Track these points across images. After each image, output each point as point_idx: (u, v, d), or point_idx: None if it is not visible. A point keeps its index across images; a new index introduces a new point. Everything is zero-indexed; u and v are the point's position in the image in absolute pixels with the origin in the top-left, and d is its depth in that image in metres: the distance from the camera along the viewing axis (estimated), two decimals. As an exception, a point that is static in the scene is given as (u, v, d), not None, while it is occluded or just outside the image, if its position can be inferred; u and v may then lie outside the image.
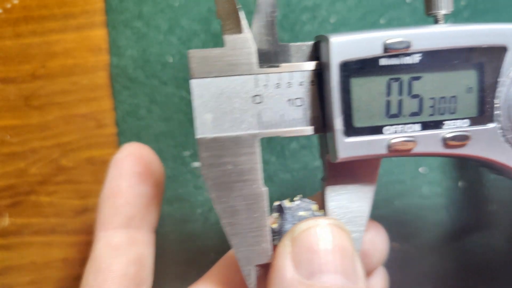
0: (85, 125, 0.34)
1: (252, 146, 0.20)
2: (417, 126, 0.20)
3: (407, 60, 0.19)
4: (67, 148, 0.34)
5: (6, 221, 0.34)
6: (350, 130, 0.19)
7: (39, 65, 0.33)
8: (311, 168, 0.33)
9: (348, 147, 0.19)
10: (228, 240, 0.21)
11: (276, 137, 0.33)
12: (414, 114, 0.20)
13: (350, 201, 0.21)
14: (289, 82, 0.20)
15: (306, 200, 0.21)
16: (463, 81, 0.20)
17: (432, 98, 0.20)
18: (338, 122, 0.19)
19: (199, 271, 0.34)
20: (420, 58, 0.19)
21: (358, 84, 0.19)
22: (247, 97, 0.20)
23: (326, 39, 0.19)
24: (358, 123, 0.19)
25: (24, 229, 0.34)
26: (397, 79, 0.20)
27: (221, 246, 0.34)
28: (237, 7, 0.20)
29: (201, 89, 0.20)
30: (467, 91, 0.20)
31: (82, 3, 0.33)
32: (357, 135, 0.19)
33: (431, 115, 0.20)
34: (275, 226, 0.21)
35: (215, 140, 0.20)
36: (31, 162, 0.34)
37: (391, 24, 0.33)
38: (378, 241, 0.26)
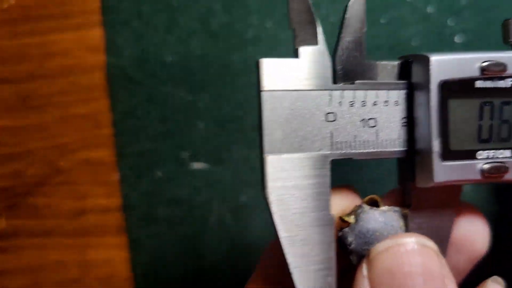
0: (83, 125, 0.33)
1: (323, 168, 0.19)
2: (508, 152, 0.20)
3: (500, 84, 0.19)
4: (64, 149, 0.34)
5: (2, 223, 0.34)
6: (446, 153, 0.19)
7: (37, 65, 0.33)
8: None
9: (444, 171, 0.19)
10: (290, 272, 0.19)
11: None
12: (503, 140, 0.20)
13: (432, 226, 0.21)
14: (363, 101, 0.19)
15: (397, 210, 0.20)
16: None
17: None
18: (436, 145, 0.19)
19: (197, 273, 0.34)
20: None
21: (455, 106, 0.19)
22: (320, 115, 0.19)
23: (424, 58, 0.19)
24: (454, 146, 0.19)
25: (20, 231, 0.34)
26: (489, 103, 0.20)
27: (220, 248, 0.34)
28: (314, 17, 0.19)
29: (272, 102, 0.18)
30: None
31: (80, 3, 0.33)
32: (452, 159, 0.19)
33: None
34: (350, 218, 0.20)
35: (284, 160, 0.19)
36: (28, 163, 0.34)
37: (391, 23, 0.32)
38: (475, 229, 0.23)
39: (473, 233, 0.22)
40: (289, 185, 0.19)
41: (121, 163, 0.33)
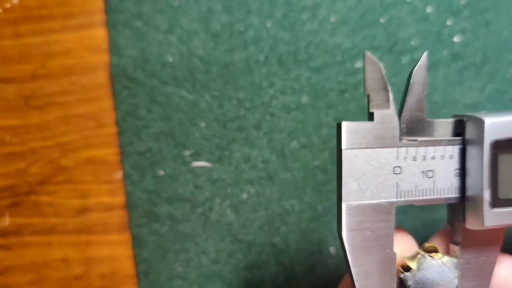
0: (85, 125, 0.34)
1: (389, 214, 0.22)
2: None
3: None
4: (67, 148, 0.34)
5: (6, 221, 0.34)
6: (496, 201, 0.22)
7: (39, 65, 0.33)
8: (311, 167, 0.33)
9: (493, 216, 0.22)
10: None
11: (276, 136, 0.33)
12: None
13: (479, 261, 0.23)
14: (424, 156, 0.22)
15: (454, 262, 0.23)
16: None
17: None
18: (486, 194, 0.21)
19: (200, 271, 0.34)
20: None
21: (504, 160, 0.22)
22: (389, 168, 0.22)
23: (478, 120, 0.21)
24: (502, 195, 0.22)
25: (23, 229, 0.34)
26: None
27: (222, 246, 0.34)
28: (387, 84, 0.21)
29: (350, 158, 0.21)
30: None
31: (82, 3, 0.33)
32: (501, 206, 0.22)
33: None
34: (412, 264, 0.22)
35: (358, 207, 0.21)
36: (31, 162, 0.34)
37: (391, 23, 0.33)
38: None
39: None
40: (361, 228, 0.22)
41: (124, 161, 0.33)
